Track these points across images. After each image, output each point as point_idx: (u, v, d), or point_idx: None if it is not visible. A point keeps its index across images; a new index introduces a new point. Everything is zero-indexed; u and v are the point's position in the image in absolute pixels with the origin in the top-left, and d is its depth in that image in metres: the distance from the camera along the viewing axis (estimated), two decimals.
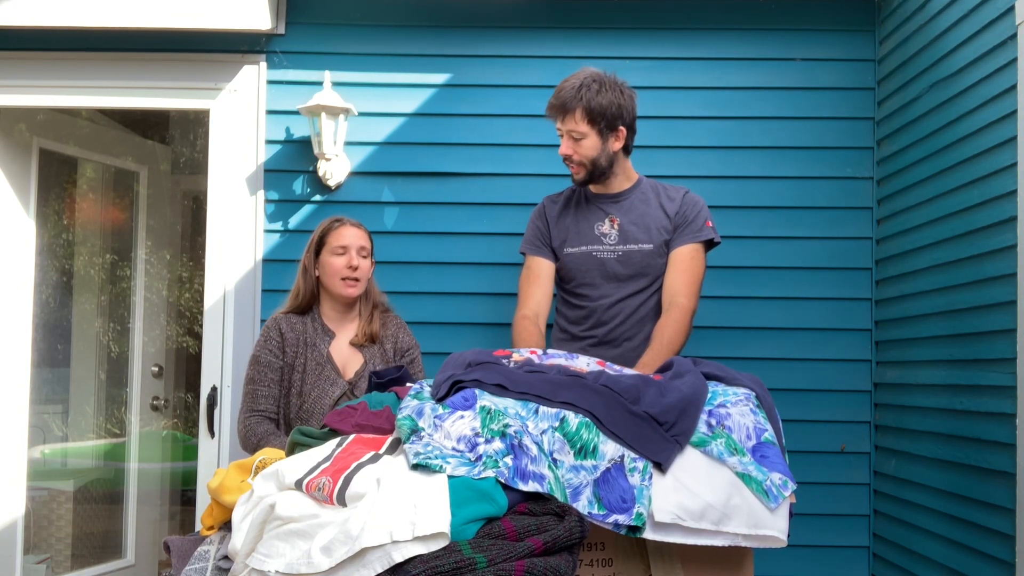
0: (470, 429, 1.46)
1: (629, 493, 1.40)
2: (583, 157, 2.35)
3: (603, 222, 2.45)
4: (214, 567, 1.47)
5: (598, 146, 2.35)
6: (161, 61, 3.09)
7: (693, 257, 2.40)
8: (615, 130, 2.36)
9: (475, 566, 1.20)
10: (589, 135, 2.33)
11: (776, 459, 1.49)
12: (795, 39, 3.07)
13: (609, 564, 1.48)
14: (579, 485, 1.42)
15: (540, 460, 1.41)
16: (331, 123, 2.93)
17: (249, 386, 2.40)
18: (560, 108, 2.32)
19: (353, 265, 2.41)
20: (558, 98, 2.33)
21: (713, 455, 1.48)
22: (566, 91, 2.31)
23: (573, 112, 2.30)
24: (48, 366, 3.68)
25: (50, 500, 3.64)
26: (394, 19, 3.10)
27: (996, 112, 2.27)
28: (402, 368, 1.93)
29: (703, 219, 2.43)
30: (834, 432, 3.01)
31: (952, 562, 2.44)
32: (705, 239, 2.42)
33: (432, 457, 1.40)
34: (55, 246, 3.78)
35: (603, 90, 2.31)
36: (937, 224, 2.58)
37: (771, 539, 1.42)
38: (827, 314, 3.03)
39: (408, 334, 2.54)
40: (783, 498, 1.43)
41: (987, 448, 2.27)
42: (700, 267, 2.41)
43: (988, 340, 2.29)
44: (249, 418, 2.37)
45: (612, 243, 2.43)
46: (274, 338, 2.41)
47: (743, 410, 1.56)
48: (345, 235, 2.44)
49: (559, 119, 2.34)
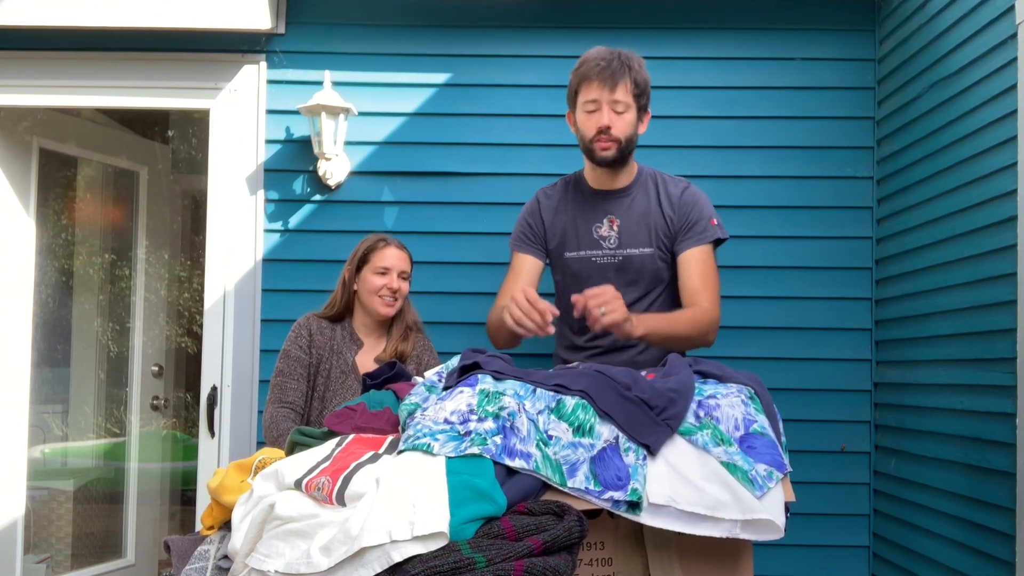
0: (466, 405, 1.49)
1: (624, 471, 1.42)
2: (622, 131, 2.19)
3: (602, 223, 2.31)
4: (214, 567, 1.47)
5: (634, 123, 2.22)
6: (161, 61, 3.09)
7: (705, 260, 2.26)
8: (646, 111, 2.26)
9: (474, 566, 1.20)
10: (631, 109, 2.19)
11: (764, 450, 1.49)
12: (795, 38, 3.07)
13: (608, 564, 1.48)
14: (576, 461, 1.44)
15: (529, 440, 1.44)
16: (331, 123, 2.93)
17: (278, 378, 2.45)
18: (611, 76, 2.14)
19: (393, 288, 2.47)
20: (607, 66, 2.15)
21: (698, 445, 1.49)
22: (611, 60, 2.16)
23: (623, 81, 2.16)
24: (48, 366, 3.68)
25: (50, 500, 3.64)
26: (394, 19, 3.10)
27: (996, 112, 2.27)
28: (395, 365, 1.92)
29: (706, 217, 2.28)
30: (834, 432, 3.01)
31: (952, 562, 2.44)
32: (711, 240, 2.28)
33: (420, 437, 1.43)
34: (55, 246, 3.79)
35: (641, 66, 2.21)
36: (937, 223, 2.58)
37: (768, 527, 1.41)
38: (827, 314, 3.03)
39: (434, 357, 2.57)
40: (767, 488, 1.43)
41: (987, 448, 2.27)
42: (713, 269, 2.28)
43: (988, 339, 2.29)
44: (277, 410, 2.41)
45: (611, 247, 2.30)
46: (304, 335, 2.47)
47: (733, 401, 1.57)
48: (388, 256, 2.49)
49: (606, 88, 2.15)
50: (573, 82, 2.24)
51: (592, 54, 2.20)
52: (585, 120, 2.21)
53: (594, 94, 2.17)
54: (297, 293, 3.02)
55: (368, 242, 2.53)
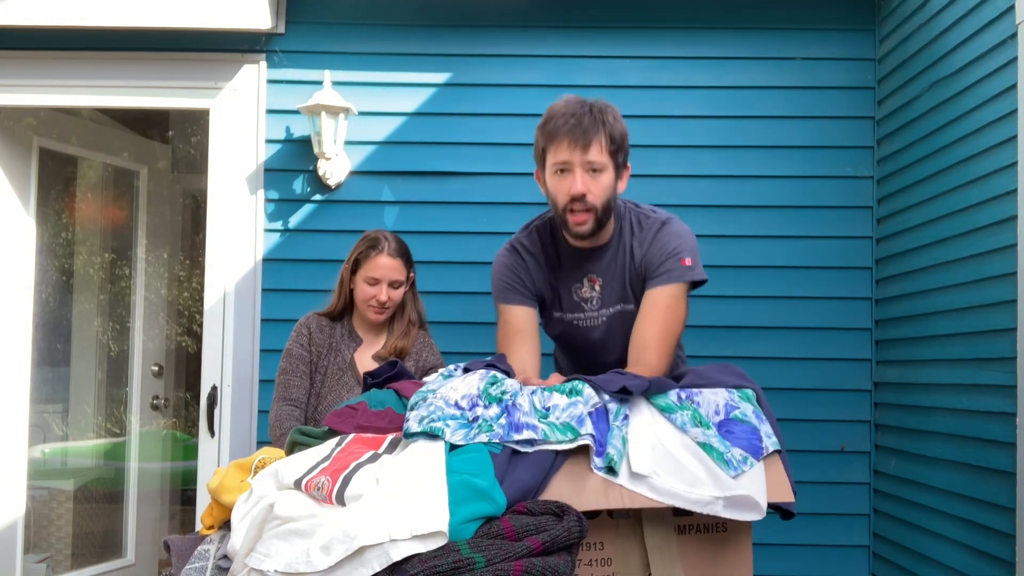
0: (476, 388, 1.56)
1: (604, 435, 1.47)
2: (598, 197, 1.88)
3: (582, 284, 2.04)
4: (214, 566, 1.47)
5: (612, 185, 1.90)
6: (161, 60, 3.09)
7: (667, 305, 1.92)
8: (625, 167, 1.96)
9: (473, 566, 1.20)
10: (607, 169, 1.88)
11: (742, 435, 1.51)
12: (795, 38, 3.07)
13: (608, 564, 1.48)
14: (580, 415, 1.49)
15: (532, 414, 1.50)
16: (331, 122, 2.93)
17: (282, 376, 2.45)
18: (583, 134, 1.83)
19: (381, 300, 2.41)
20: (577, 124, 1.84)
21: (676, 424, 1.52)
22: (582, 116, 1.85)
23: (597, 139, 1.85)
24: (48, 365, 3.69)
25: (50, 499, 3.64)
26: (394, 19, 3.10)
27: (996, 111, 2.27)
28: (397, 363, 1.90)
29: (677, 258, 1.94)
30: (834, 431, 3.01)
31: (952, 561, 2.44)
32: (680, 281, 1.94)
33: (434, 420, 1.48)
34: (55, 245, 3.79)
35: (617, 118, 1.90)
36: (937, 223, 2.58)
37: (747, 503, 1.42)
38: (827, 313, 3.03)
39: (433, 353, 2.53)
40: (742, 471, 1.44)
41: (987, 447, 2.27)
42: (675, 315, 1.93)
43: (988, 339, 2.29)
44: (282, 408, 2.41)
45: (594, 308, 2.04)
46: (304, 333, 2.47)
47: (717, 389, 1.61)
48: (379, 266, 2.40)
49: (578, 148, 1.84)
50: (539, 141, 1.92)
51: (559, 108, 1.88)
52: (556, 184, 1.89)
53: (564, 155, 1.85)
54: (297, 293, 3.02)
55: (362, 246, 2.44)
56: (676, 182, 3.01)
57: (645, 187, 2.68)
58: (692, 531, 1.49)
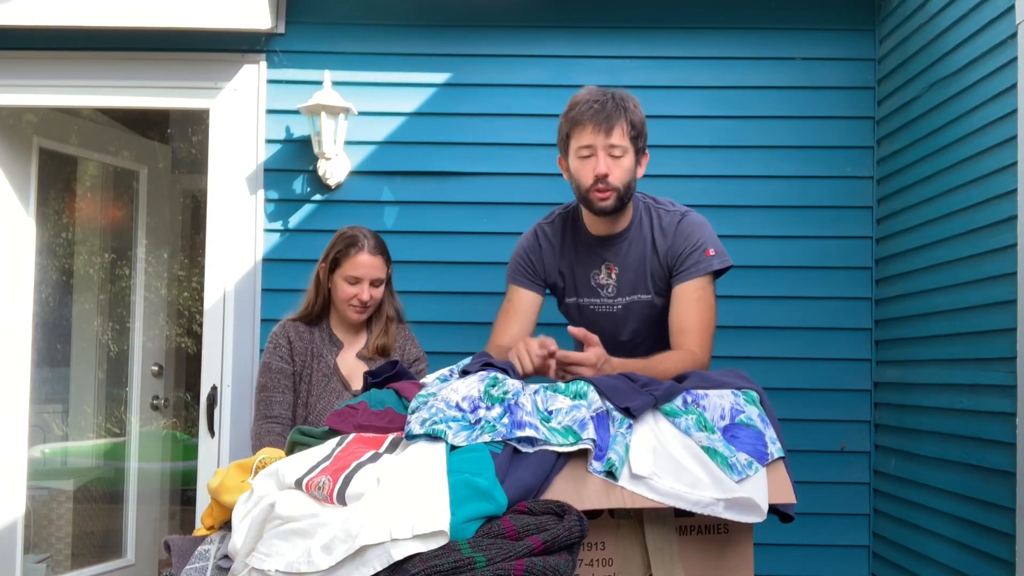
0: (477, 391, 1.55)
1: (605, 440, 1.47)
2: (620, 179, 2.00)
3: (600, 271, 2.16)
4: (214, 566, 1.47)
5: (632, 168, 2.03)
6: (161, 60, 3.09)
7: (699, 297, 2.04)
8: (644, 152, 2.08)
9: (474, 565, 1.20)
10: (628, 153, 2.01)
11: (747, 440, 1.50)
12: (795, 38, 3.08)
13: (609, 564, 1.48)
14: (583, 419, 1.49)
15: (534, 414, 1.50)
16: (331, 122, 2.93)
17: (262, 393, 2.37)
18: (606, 119, 1.97)
19: (363, 299, 2.36)
20: (600, 109, 1.98)
21: (681, 428, 1.52)
22: (605, 102, 1.99)
23: (619, 124, 1.98)
24: (48, 365, 3.69)
25: (50, 499, 3.64)
26: (394, 19, 3.10)
27: (996, 111, 2.27)
28: (397, 363, 1.90)
29: (700, 248, 2.07)
30: (834, 431, 3.01)
31: (952, 561, 2.44)
32: (706, 272, 2.06)
33: (436, 422, 1.48)
34: (55, 245, 3.79)
35: (636, 106, 2.03)
36: (937, 223, 2.58)
37: (748, 505, 1.42)
38: (827, 313, 3.03)
39: (415, 346, 2.50)
40: (747, 475, 1.44)
41: (987, 447, 2.27)
42: (707, 305, 2.05)
43: (988, 339, 2.29)
44: (262, 425, 2.35)
45: (610, 296, 2.15)
46: (283, 345, 2.40)
47: (723, 392, 1.60)
48: (360, 264, 2.35)
49: (601, 133, 1.98)
50: (564, 127, 2.07)
51: (583, 96, 2.03)
52: (580, 168, 2.03)
53: (588, 139, 2.00)
54: (297, 293, 2.99)
55: (340, 244, 2.38)
56: (676, 182, 3.01)
57: (645, 187, 2.66)
58: (693, 532, 1.49)
